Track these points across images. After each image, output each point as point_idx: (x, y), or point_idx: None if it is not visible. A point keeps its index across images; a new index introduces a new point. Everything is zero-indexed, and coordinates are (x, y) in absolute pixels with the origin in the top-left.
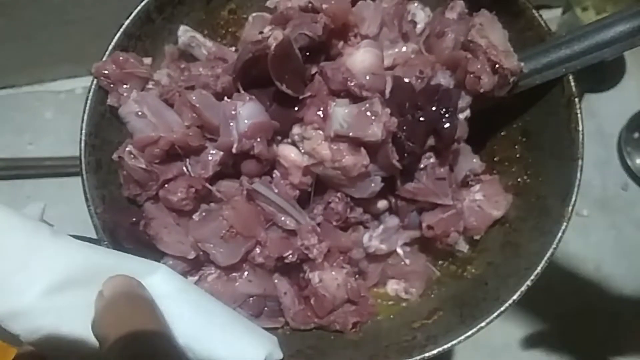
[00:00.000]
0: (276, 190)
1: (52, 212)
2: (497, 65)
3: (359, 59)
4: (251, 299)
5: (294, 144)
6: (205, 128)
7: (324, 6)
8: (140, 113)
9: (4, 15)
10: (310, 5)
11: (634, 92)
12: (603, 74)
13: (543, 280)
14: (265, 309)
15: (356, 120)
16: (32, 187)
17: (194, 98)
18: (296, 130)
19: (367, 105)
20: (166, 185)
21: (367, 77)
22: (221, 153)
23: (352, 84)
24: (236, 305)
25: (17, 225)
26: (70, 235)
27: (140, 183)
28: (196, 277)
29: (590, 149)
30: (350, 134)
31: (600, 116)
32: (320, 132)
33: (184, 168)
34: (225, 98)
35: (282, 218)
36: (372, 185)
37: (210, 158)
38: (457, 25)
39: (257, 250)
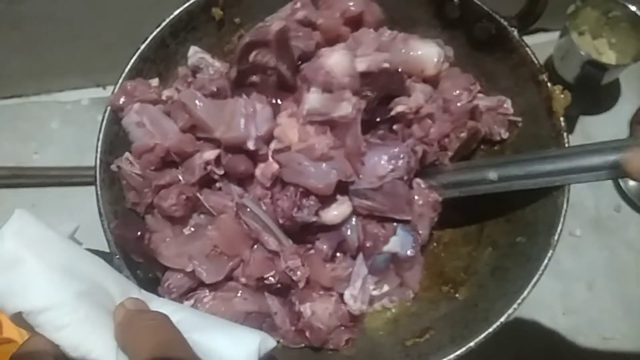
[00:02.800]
0: (264, 209)
1: (56, 221)
2: None
3: (337, 60)
4: (250, 315)
5: None
6: (198, 127)
7: (320, 21)
8: (140, 123)
9: (14, 28)
10: (306, 19)
11: (628, 115)
12: (598, 97)
13: (534, 300)
14: (264, 324)
15: (328, 102)
16: (37, 196)
17: (183, 95)
18: None
19: (339, 93)
20: (159, 193)
21: (346, 79)
22: (210, 155)
23: (334, 83)
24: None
25: (54, 236)
26: (86, 249)
27: (137, 190)
28: (192, 301)
29: None
30: (322, 111)
31: (594, 138)
32: (294, 119)
33: (179, 177)
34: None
35: (266, 237)
36: (331, 175)
37: (197, 162)
38: None
39: (240, 269)
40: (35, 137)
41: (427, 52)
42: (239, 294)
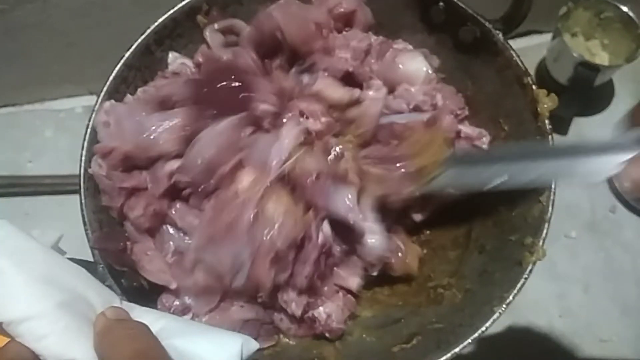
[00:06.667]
0: None
1: (50, 229)
2: None
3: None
4: (247, 323)
5: None
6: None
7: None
8: (106, 122)
9: (7, 36)
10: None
11: (622, 116)
12: (592, 99)
13: (530, 303)
14: (261, 330)
15: None
16: (31, 205)
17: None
18: None
19: None
20: (128, 201)
21: None
22: (173, 165)
23: None
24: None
25: (35, 246)
26: (69, 259)
27: (106, 191)
28: (189, 316)
29: None
30: None
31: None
32: None
33: (147, 181)
34: None
35: None
36: None
37: (161, 172)
38: None
39: None
40: (29, 145)
41: (416, 67)
42: (234, 304)
